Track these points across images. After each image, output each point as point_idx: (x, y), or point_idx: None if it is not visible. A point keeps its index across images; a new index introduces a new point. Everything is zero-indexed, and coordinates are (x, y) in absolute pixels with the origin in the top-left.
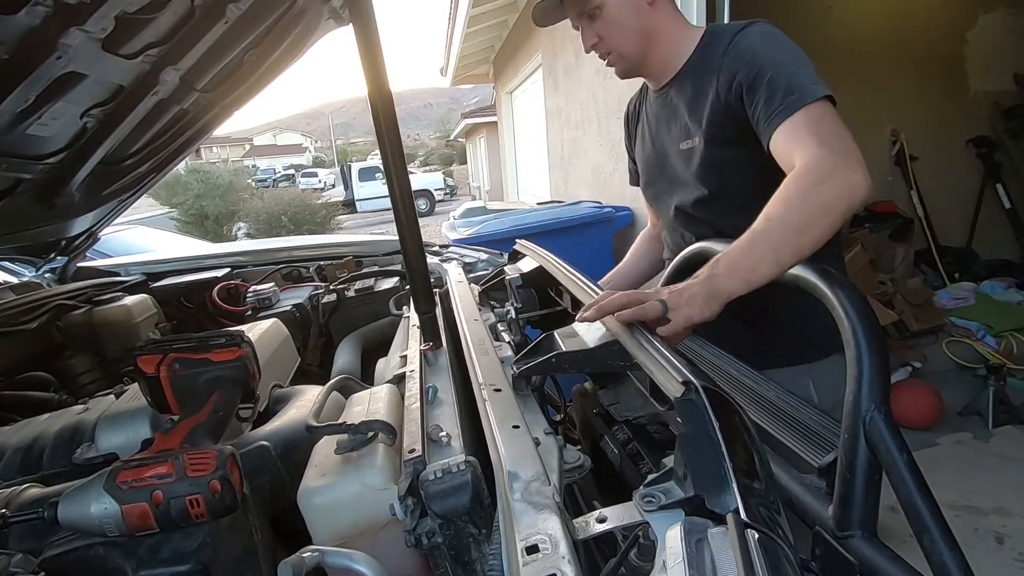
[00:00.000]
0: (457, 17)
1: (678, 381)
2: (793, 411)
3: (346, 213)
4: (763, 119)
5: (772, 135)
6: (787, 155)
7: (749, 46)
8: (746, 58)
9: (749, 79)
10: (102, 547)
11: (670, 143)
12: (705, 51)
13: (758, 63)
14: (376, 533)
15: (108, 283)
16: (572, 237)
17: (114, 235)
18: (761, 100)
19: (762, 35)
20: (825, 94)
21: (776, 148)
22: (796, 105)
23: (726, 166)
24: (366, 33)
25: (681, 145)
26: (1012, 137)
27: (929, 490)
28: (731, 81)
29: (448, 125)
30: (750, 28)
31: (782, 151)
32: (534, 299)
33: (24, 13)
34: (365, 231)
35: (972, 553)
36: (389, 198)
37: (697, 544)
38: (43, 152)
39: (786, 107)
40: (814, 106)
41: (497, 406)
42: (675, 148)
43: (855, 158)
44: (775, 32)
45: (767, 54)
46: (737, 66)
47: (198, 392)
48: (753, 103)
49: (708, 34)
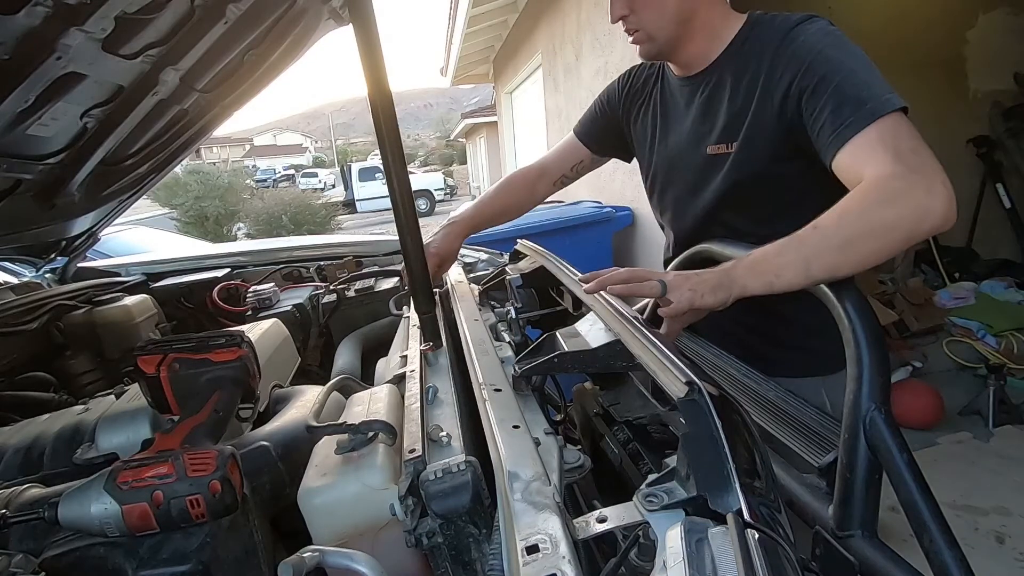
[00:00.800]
0: (457, 17)
1: (681, 381)
2: (793, 411)
3: (346, 213)
4: (828, 132)
5: (839, 151)
6: (855, 172)
7: (810, 46)
8: (807, 60)
9: (811, 84)
10: (102, 547)
11: (694, 141)
12: (749, 43)
13: (822, 67)
14: (376, 533)
15: (108, 283)
16: (572, 237)
17: (114, 235)
18: (827, 110)
19: (825, 34)
20: (901, 106)
21: (841, 165)
22: (869, 118)
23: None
24: (366, 33)
25: (710, 148)
26: (1012, 137)
27: (929, 490)
28: (787, 84)
29: (448, 125)
30: (809, 25)
31: (849, 168)
32: (534, 299)
33: (24, 13)
34: (365, 231)
35: (972, 553)
36: (389, 198)
37: (697, 544)
38: (43, 152)
39: (857, 119)
40: (889, 118)
41: (497, 406)
42: (701, 148)
43: (937, 180)
44: (838, 32)
45: (833, 57)
46: (795, 68)
47: (198, 392)
48: (816, 113)
49: (752, 23)
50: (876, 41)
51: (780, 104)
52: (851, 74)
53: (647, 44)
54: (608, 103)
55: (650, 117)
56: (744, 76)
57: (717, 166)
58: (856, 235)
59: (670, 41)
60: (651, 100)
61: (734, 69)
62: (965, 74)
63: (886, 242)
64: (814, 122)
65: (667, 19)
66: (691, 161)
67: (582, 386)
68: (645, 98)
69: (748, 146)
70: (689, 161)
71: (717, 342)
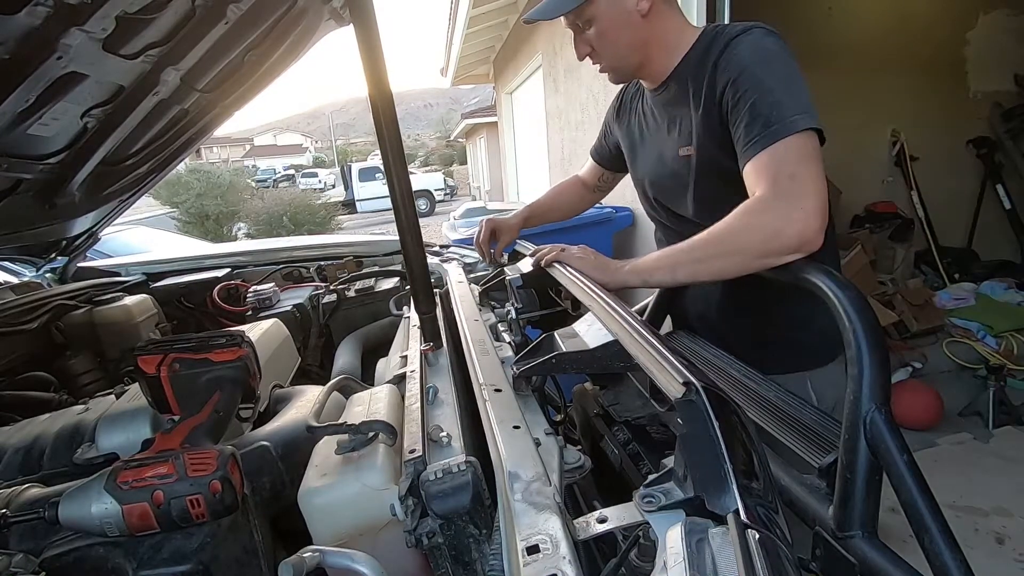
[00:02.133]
0: (457, 17)
1: (679, 382)
2: (793, 411)
3: (346, 213)
4: (740, 146)
5: (744, 167)
6: (750, 190)
7: (739, 59)
8: (734, 73)
9: (735, 98)
10: (102, 547)
11: (670, 146)
12: (700, 53)
13: (745, 82)
14: (376, 533)
15: (108, 283)
16: (572, 237)
17: (114, 235)
18: (741, 125)
19: (754, 48)
20: (806, 127)
21: (745, 179)
22: (770, 139)
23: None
24: (366, 33)
25: (681, 151)
26: (1012, 138)
27: (929, 490)
28: (721, 93)
29: (448, 125)
30: (744, 38)
31: (748, 185)
32: (534, 299)
33: (24, 13)
34: (365, 231)
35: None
36: (389, 198)
37: (698, 544)
38: (43, 152)
39: (762, 139)
40: (788, 141)
41: (497, 406)
42: (674, 152)
43: (800, 206)
44: (770, 45)
45: (755, 73)
46: (725, 79)
47: (198, 392)
48: (734, 125)
49: (705, 35)
50: (876, 43)
51: (717, 110)
52: (767, 93)
53: (613, 74)
54: (607, 124)
55: (635, 128)
56: (696, 83)
57: (688, 168)
58: (712, 254)
59: (632, 66)
60: (635, 114)
61: (689, 77)
62: (965, 75)
63: (736, 261)
64: (734, 133)
65: (623, 51)
66: (668, 165)
67: (582, 386)
68: (630, 113)
69: (707, 147)
70: (667, 166)
71: (714, 344)
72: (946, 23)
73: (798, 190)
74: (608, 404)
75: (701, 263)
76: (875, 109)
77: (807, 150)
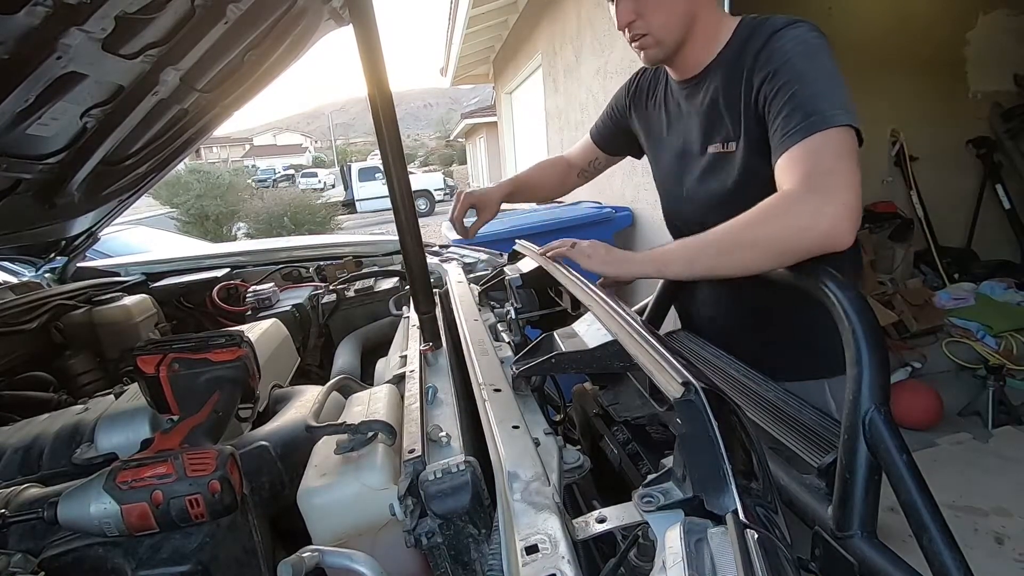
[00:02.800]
0: (457, 17)
1: (678, 382)
2: (793, 411)
3: (346, 213)
4: (776, 137)
5: (778, 159)
6: (779, 183)
7: (782, 52)
8: (776, 64)
9: (773, 90)
10: (102, 547)
11: (698, 142)
12: (738, 46)
13: (786, 74)
14: (376, 533)
15: (108, 283)
16: (572, 237)
17: (114, 235)
18: (779, 116)
19: (798, 42)
20: (844, 123)
21: (777, 171)
22: (809, 130)
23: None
24: (366, 33)
25: (712, 147)
26: (1012, 138)
27: (929, 490)
28: (760, 85)
29: (448, 125)
30: (788, 31)
31: (778, 178)
32: (534, 299)
33: (24, 13)
34: (365, 231)
35: (972, 554)
36: (389, 198)
37: (697, 544)
38: (43, 152)
39: (800, 130)
40: (827, 134)
41: (497, 406)
42: (704, 148)
43: (833, 202)
44: (813, 40)
45: (797, 65)
46: (765, 71)
47: (198, 392)
48: (773, 117)
49: (744, 27)
50: (876, 43)
51: (754, 105)
52: (808, 84)
53: (653, 49)
54: (616, 106)
55: (657, 118)
56: (734, 78)
57: (720, 165)
58: (735, 245)
59: (676, 41)
60: (655, 102)
61: (726, 72)
62: (965, 75)
63: (759, 254)
64: (770, 126)
65: (672, 20)
66: (696, 161)
67: (582, 386)
68: (649, 100)
69: (744, 145)
70: (694, 161)
71: (723, 348)
72: (946, 23)
73: (833, 185)
74: (607, 404)
75: (722, 255)
76: (875, 109)
77: (845, 146)
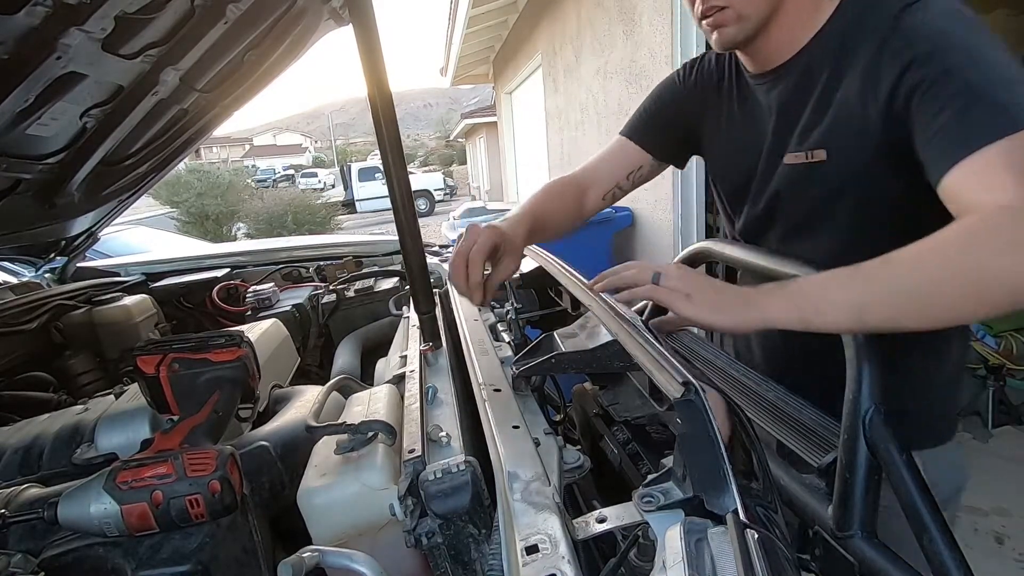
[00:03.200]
0: (457, 17)
1: (678, 382)
2: (793, 411)
3: (346, 213)
4: (942, 141)
5: (952, 167)
6: (966, 198)
7: (931, 29)
8: (925, 46)
9: (929, 78)
10: (102, 547)
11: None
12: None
13: (947, 57)
14: (376, 533)
15: (108, 283)
16: (572, 237)
17: (114, 235)
18: (947, 113)
19: (950, 16)
20: None
21: (950, 186)
22: (1005, 128)
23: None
24: (366, 33)
25: (787, 157)
26: None
27: (929, 490)
28: (896, 77)
29: (448, 125)
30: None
31: (959, 192)
32: (534, 299)
33: (24, 13)
34: (365, 231)
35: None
36: (389, 198)
37: (697, 544)
38: (43, 152)
39: (988, 129)
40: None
41: (497, 406)
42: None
43: None
44: (967, 12)
45: (964, 45)
46: (908, 56)
47: (198, 392)
48: (930, 116)
49: (848, 4)
50: None
51: (886, 103)
52: (988, 69)
53: (733, 26)
54: (672, 99)
55: (720, 114)
56: (840, 69)
57: (796, 179)
58: (938, 280)
59: (759, 23)
60: (720, 95)
61: (827, 60)
62: None
63: (980, 297)
64: (925, 127)
65: None
66: (767, 173)
67: (582, 386)
68: (716, 94)
69: (838, 156)
70: (765, 173)
71: None
72: None
73: None
74: (607, 404)
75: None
76: None
77: None
